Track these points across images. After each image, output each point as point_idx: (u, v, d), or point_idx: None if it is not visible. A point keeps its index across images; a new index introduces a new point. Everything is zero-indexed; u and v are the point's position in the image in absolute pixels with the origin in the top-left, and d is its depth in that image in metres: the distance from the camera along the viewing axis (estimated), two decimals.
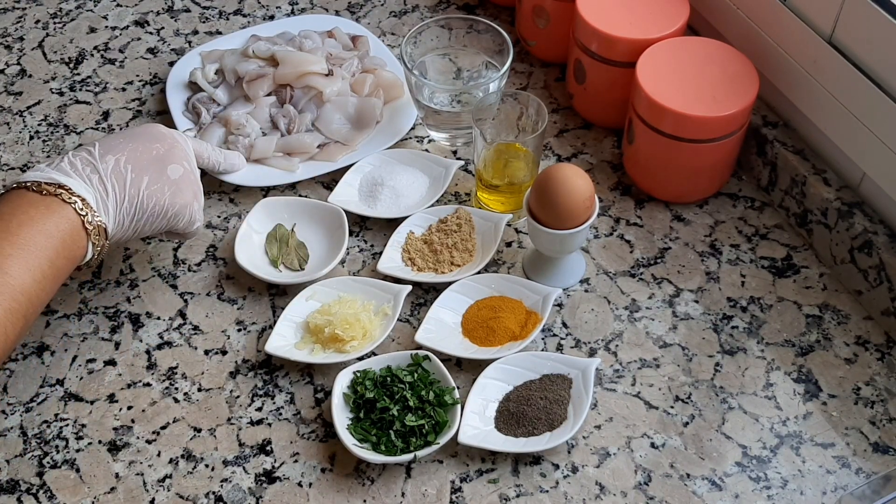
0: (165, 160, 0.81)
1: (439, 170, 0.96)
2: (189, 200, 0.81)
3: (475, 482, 0.76)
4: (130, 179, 0.78)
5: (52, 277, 0.73)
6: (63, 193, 0.75)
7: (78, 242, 0.75)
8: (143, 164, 0.79)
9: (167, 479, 0.77)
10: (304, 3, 1.16)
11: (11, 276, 0.70)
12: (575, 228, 0.83)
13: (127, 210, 0.78)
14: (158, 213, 0.80)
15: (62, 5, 1.17)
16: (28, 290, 0.71)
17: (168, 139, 0.82)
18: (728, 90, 0.86)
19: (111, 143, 0.80)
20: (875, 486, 0.68)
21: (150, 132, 0.82)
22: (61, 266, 0.74)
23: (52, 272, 0.73)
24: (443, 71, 1.02)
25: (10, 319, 0.70)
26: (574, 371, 0.80)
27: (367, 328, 0.83)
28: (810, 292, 0.88)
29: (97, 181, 0.77)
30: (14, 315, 0.70)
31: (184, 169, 0.82)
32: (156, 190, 0.79)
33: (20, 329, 0.71)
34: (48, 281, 0.73)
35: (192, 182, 0.82)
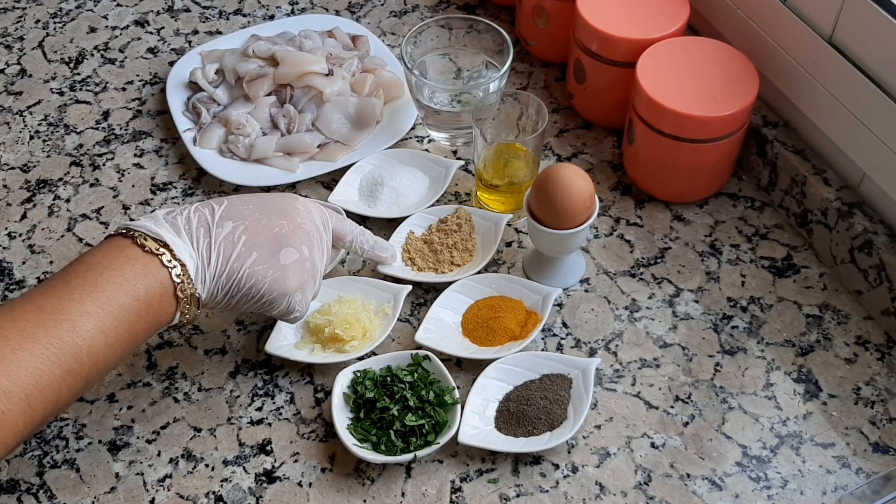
0: (283, 241, 0.74)
1: (439, 170, 0.96)
2: (291, 290, 0.74)
3: (475, 482, 0.76)
4: (238, 253, 0.72)
5: (128, 341, 0.68)
6: (164, 255, 0.69)
7: (166, 308, 0.70)
8: (259, 240, 0.73)
9: (167, 479, 0.77)
10: (305, 3, 1.16)
11: (82, 336, 0.65)
12: (575, 228, 0.83)
13: (223, 284, 0.72)
14: (253, 296, 0.73)
15: (62, 5, 1.17)
16: (96, 352, 0.66)
17: (297, 218, 0.75)
18: (728, 90, 0.86)
19: (238, 207, 0.74)
20: (875, 486, 0.68)
21: (283, 206, 0.76)
22: (140, 331, 0.69)
23: (128, 336, 0.68)
24: (443, 71, 1.02)
25: (68, 382, 0.65)
26: (574, 371, 0.80)
27: (367, 328, 0.83)
28: (810, 292, 0.88)
29: (205, 247, 0.71)
30: (73, 377, 0.65)
31: (299, 255, 0.74)
32: (258, 271, 0.72)
33: (77, 391, 0.66)
34: (122, 345, 0.68)
35: (304, 271, 0.74)
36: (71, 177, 0.99)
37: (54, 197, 0.97)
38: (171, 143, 1.01)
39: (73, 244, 0.93)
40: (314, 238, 0.76)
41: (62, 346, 0.64)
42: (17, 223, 0.95)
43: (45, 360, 0.63)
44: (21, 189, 0.98)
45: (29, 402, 0.62)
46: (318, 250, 0.76)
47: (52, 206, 0.96)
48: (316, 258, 0.76)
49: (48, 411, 0.64)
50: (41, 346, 0.63)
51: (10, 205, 0.96)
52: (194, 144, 0.98)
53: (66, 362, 0.64)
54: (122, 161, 1.00)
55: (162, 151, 1.01)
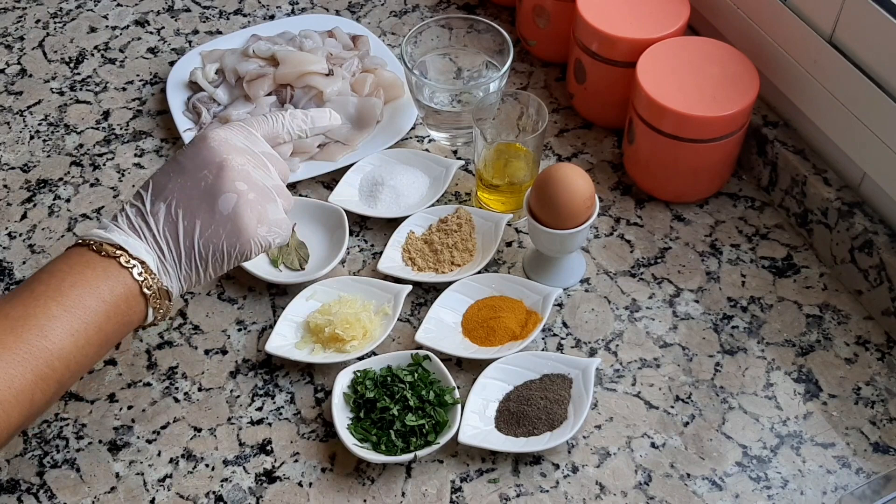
0: (215, 192, 0.71)
1: (439, 169, 0.96)
2: (251, 231, 0.71)
3: (475, 482, 0.76)
4: (183, 229, 0.70)
5: (98, 343, 0.68)
6: (122, 256, 0.69)
7: (134, 308, 0.70)
8: (194, 205, 0.71)
9: (167, 479, 0.77)
10: (305, 3, 1.16)
11: (51, 339, 0.65)
12: (575, 228, 0.83)
13: (187, 266, 0.71)
14: (221, 258, 0.72)
15: (62, 5, 1.17)
16: (67, 355, 0.66)
17: (216, 157, 0.72)
18: (728, 90, 0.86)
19: (161, 181, 0.72)
20: (875, 486, 0.68)
21: (198, 154, 0.72)
22: (111, 331, 0.69)
23: (98, 338, 0.68)
24: (443, 71, 1.02)
25: (41, 386, 0.64)
26: (574, 371, 0.80)
27: (368, 328, 0.83)
28: (810, 292, 0.88)
29: (152, 240, 0.70)
30: (46, 381, 0.64)
31: (237, 195, 0.71)
32: (210, 235, 0.71)
33: (51, 395, 0.66)
34: (92, 347, 0.67)
35: (252, 204, 0.72)
36: (71, 177, 0.99)
37: (54, 197, 0.97)
38: (172, 143, 1.01)
39: None
40: (244, 164, 0.72)
41: (32, 350, 0.64)
42: (18, 223, 0.95)
43: (16, 365, 0.63)
44: (21, 189, 0.98)
45: (3, 407, 0.62)
46: (255, 173, 0.73)
47: (52, 206, 0.96)
48: (258, 181, 0.72)
49: (23, 416, 0.64)
50: (10, 352, 0.63)
51: (11, 205, 0.96)
52: None
53: (38, 367, 0.64)
54: (122, 161, 1.00)
55: (162, 151, 1.01)
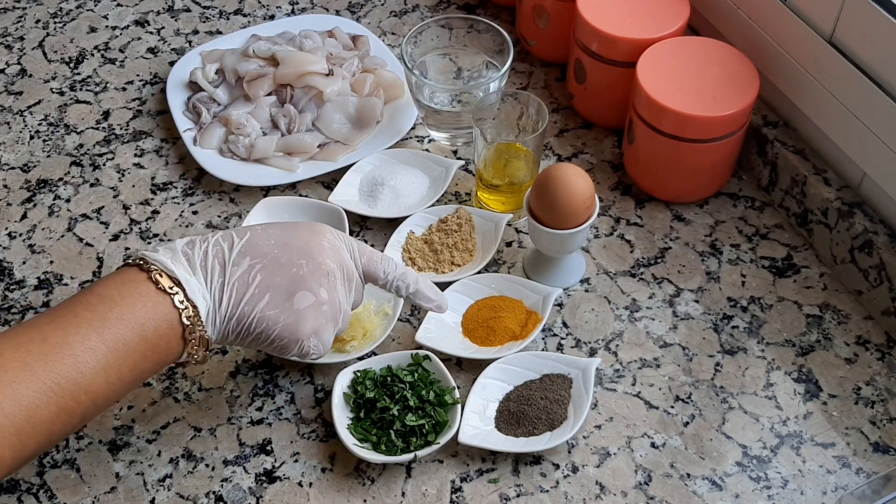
0: (299, 283, 0.70)
1: (439, 170, 0.96)
2: (304, 335, 0.70)
3: (475, 482, 0.76)
4: (250, 295, 0.69)
5: (131, 380, 0.66)
6: (177, 294, 0.67)
7: (173, 348, 0.68)
8: (275, 281, 0.69)
9: (167, 479, 0.77)
10: (305, 3, 1.16)
11: (83, 373, 0.63)
12: (575, 228, 0.83)
13: (233, 326, 0.69)
14: (264, 339, 0.70)
15: (62, 5, 1.17)
16: (96, 390, 0.64)
17: (318, 257, 0.71)
18: (728, 90, 0.86)
19: (259, 242, 0.71)
20: (875, 486, 0.68)
21: (307, 243, 0.71)
22: (145, 370, 0.67)
23: (131, 375, 0.66)
24: (443, 71, 1.02)
25: (62, 418, 0.62)
26: (574, 371, 0.80)
27: (368, 328, 0.83)
28: (810, 292, 0.88)
29: (217, 287, 0.69)
30: (68, 414, 0.63)
31: (315, 299, 0.70)
32: (270, 316, 0.69)
33: (72, 427, 0.64)
34: (124, 384, 0.66)
35: (321, 314, 0.71)
36: (71, 177, 0.99)
37: (54, 197, 0.97)
38: (172, 142, 1.01)
39: (74, 244, 0.93)
40: (336, 278, 0.72)
41: (61, 381, 0.62)
42: (18, 223, 0.95)
43: (41, 395, 0.61)
44: (21, 189, 0.98)
45: (20, 437, 0.60)
46: (341, 291, 0.72)
47: (52, 206, 0.96)
48: (338, 299, 0.72)
49: (39, 446, 0.62)
50: (38, 382, 0.61)
51: (11, 205, 0.96)
52: (194, 144, 0.98)
53: (63, 399, 0.62)
54: (122, 161, 1.00)
55: (162, 151, 1.01)
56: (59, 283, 0.90)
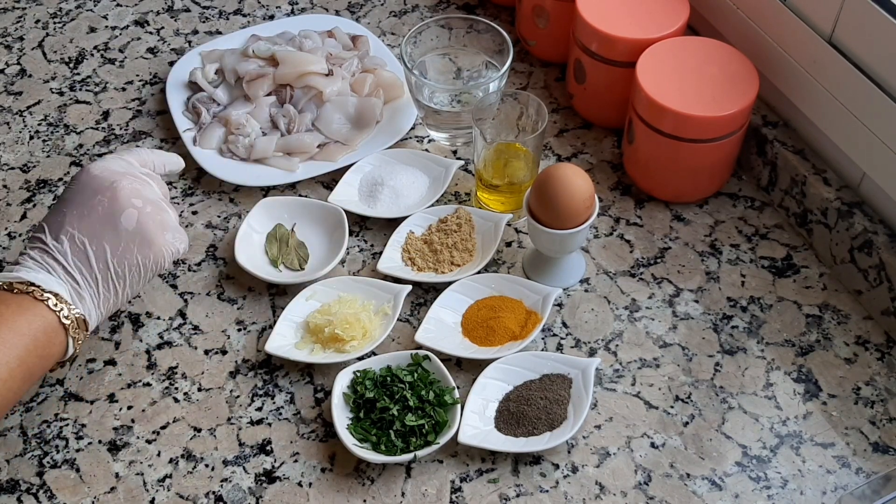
0: (114, 212, 0.74)
1: (439, 170, 0.96)
2: (159, 240, 0.75)
3: (475, 482, 0.76)
4: (93, 254, 0.73)
5: (21, 377, 0.69)
6: (34, 290, 0.71)
7: (53, 339, 0.71)
8: (97, 230, 0.74)
9: (167, 479, 0.77)
10: (304, 3, 1.16)
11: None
12: (575, 228, 0.83)
13: (105, 291, 0.74)
14: (138, 273, 0.75)
15: (62, 5, 1.17)
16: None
17: (104, 182, 0.75)
18: (728, 90, 0.86)
19: (56, 219, 0.75)
20: (875, 486, 0.68)
21: (87, 187, 0.75)
22: (33, 364, 0.70)
23: (21, 371, 0.69)
24: (443, 71, 1.02)
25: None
26: (574, 371, 0.80)
27: (367, 328, 0.83)
28: (810, 292, 0.88)
29: (62, 272, 0.73)
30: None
31: (136, 210, 0.74)
32: (122, 252, 0.74)
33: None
34: (16, 381, 0.69)
35: (152, 215, 0.75)
36: (71, 177, 0.98)
37: (54, 197, 0.97)
38: (171, 143, 1.01)
39: None
40: (131, 182, 0.76)
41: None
42: (17, 223, 0.95)
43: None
44: (21, 189, 0.98)
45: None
46: (144, 189, 0.76)
47: (52, 206, 0.96)
48: (149, 195, 0.76)
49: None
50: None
51: (10, 205, 0.96)
52: (194, 144, 0.98)
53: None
54: None
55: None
56: None
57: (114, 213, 0.74)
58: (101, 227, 0.74)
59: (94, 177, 0.76)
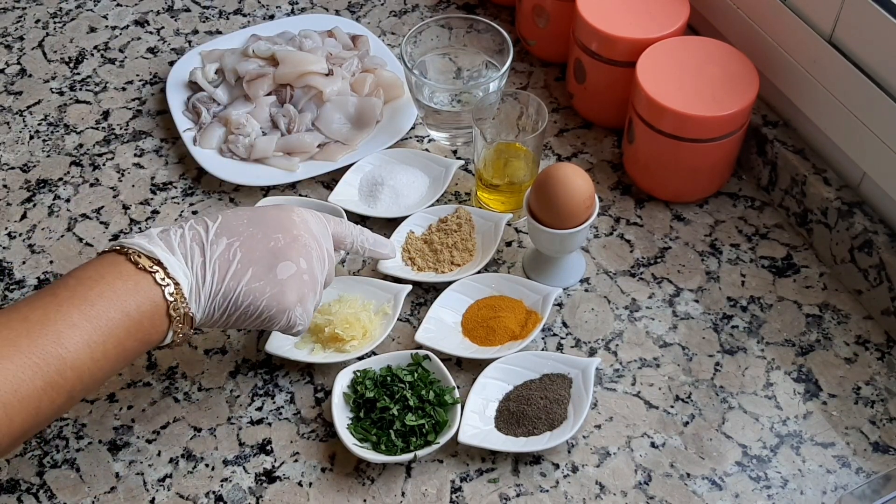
0: (279, 255, 0.72)
1: (439, 169, 0.96)
2: (290, 304, 0.72)
3: (475, 482, 0.76)
4: (234, 270, 0.70)
5: (116, 358, 0.66)
6: (158, 272, 0.68)
7: (158, 327, 0.69)
8: (255, 256, 0.71)
9: (167, 479, 0.77)
10: (304, 3, 1.16)
11: (66, 348, 0.63)
12: (575, 228, 0.83)
13: (219, 303, 0.71)
14: (252, 313, 0.71)
15: (62, 5, 1.17)
16: (81, 366, 0.64)
17: (293, 230, 0.74)
18: (728, 90, 0.86)
19: (233, 222, 0.73)
20: (875, 485, 0.68)
21: (278, 219, 0.74)
22: (130, 347, 0.67)
23: (116, 352, 0.66)
24: (443, 70, 1.02)
25: (49, 394, 0.62)
26: (574, 370, 0.80)
27: (367, 328, 0.83)
28: (810, 292, 0.88)
29: (199, 265, 0.70)
30: (55, 390, 0.63)
31: (297, 268, 0.72)
32: (256, 288, 0.71)
33: (60, 405, 0.64)
34: (109, 361, 0.66)
35: (303, 284, 0.73)
36: (71, 177, 0.99)
37: (54, 197, 0.97)
38: (171, 142, 1.02)
39: (73, 244, 0.93)
40: (312, 249, 0.74)
41: (45, 356, 0.62)
42: (17, 223, 0.95)
43: (26, 369, 0.61)
44: (21, 189, 0.98)
45: (6, 410, 0.60)
46: (316, 261, 0.74)
47: (52, 205, 0.96)
48: (315, 269, 0.74)
49: (27, 423, 0.62)
50: (23, 355, 0.61)
51: (10, 205, 0.96)
52: (194, 144, 0.98)
53: (49, 374, 0.62)
54: (122, 161, 1.00)
55: (162, 151, 1.01)
56: None
57: (279, 255, 0.72)
58: (261, 256, 0.72)
59: (291, 220, 0.74)
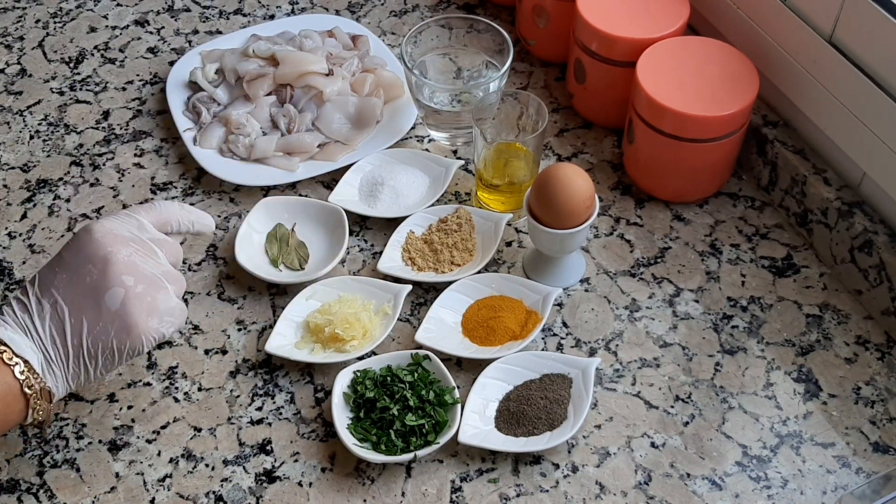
0: (100, 287, 0.69)
1: (439, 169, 0.96)
2: (142, 326, 0.69)
3: (475, 482, 0.76)
4: (70, 327, 0.68)
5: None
6: (5, 353, 0.67)
7: (12, 406, 0.67)
8: (79, 301, 0.69)
9: (167, 479, 0.77)
10: (305, 3, 1.16)
11: None
12: (575, 228, 0.83)
13: (74, 367, 0.69)
14: (111, 356, 0.69)
15: (62, 5, 1.17)
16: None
17: (99, 251, 0.70)
18: (728, 90, 0.86)
19: (47, 278, 0.70)
20: (875, 485, 0.68)
21: (82, 249, 0.70)
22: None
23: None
24: (443, 70, 1.02)
25: None
26: (574, 371, 0.80)
27: (368, 328, 0.83)
28: (810, 292, 0.88)
29: (38, 337, 0.68)
30: None
31: (124, 289, 0.69)
32: (99, 332, 0.68)
33: None
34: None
35: (141, 297, 0.69)
36: (71, 176, 0.99)
37: (54, 197, 0.97)
38: (172, 142, 1.01)
39: None
40: (130, 255, 0.70)
41: None
42: (17, 223, 0.95)
43: None
44: (21, 189, 0.98)
45: None
46: (143, 263, 0.71)
47: (52, 205, 0.96)
48: (146, 271, 0.70)
49: None
50: None
51: (10, 205, 0.96)
52: (194, 144, 0.98)
53: None
54: (122, 161, 1.00)
55: (162, 151, 1.01)
56: None
57: (100, 288, 0.69)
58: (84, 299, 0.69)
59: (93, 240, 0.70)
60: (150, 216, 0.75)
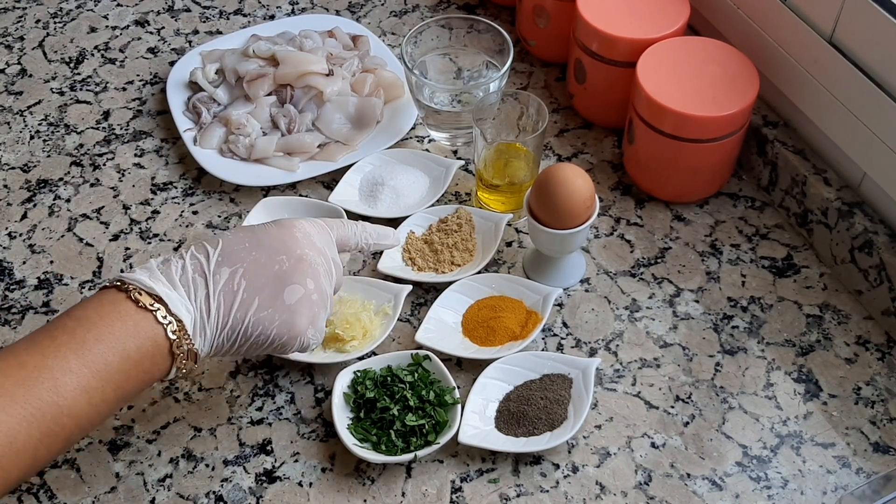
0: (285, 279, 0.69)
1: (439, 170, 0.96)
2: (302, 329, 0.70)
3: (475, 482, 0.76)
4: (240, 301, 0.68)
5: (115, 401, 0.65)
6: (159, 310, 0.66)
7: (159, 365, 0.67)
8: (260, 283, 0.69)
9: (167, 479, 0.77)
10: (305, 3, 1.16)
11: (63, 396, 0.61)
12: (575, 228, 0.83)
13: (227, 336, 0.68)
14: (262, 342, 0.69)
15: (62, 5, 1.17)
16: (79, 413, 0.62)
17: (297, 249, 0.71)
18: (728, 90, 0.86)
19: (234, 247, 0.70)
20: (875, 486, 0.68)
21: (280, 239, 0.71)
22: (130, 389, 0.66)
23: (115, 396, 0.64)
24: (443, 71, 1.02)
25: (46, 443, 0.61)
26: (574, 371, 0.80)
27: (368, 328, 0.83)
28: (810, 292, 0.88)
29: (202, 299, 0.68)
30: (52, 438, 0.61)
31: (304, 290, 0.70)
32: (264, 317, 0.69)
33: (57, 451, 0.63)
34: (108, 405, 0.64)
35: (313, 304, 0.71)
36: (71, 177, 0.99)
37: (54, 197, 0.97)
38: (172, 142, 1.02)
39: (74, 244, 0.93)
40: (318, 265, 0.72)
41: (42, 406, 0.61)
42: (18, 223, 0.95)
43: (22, 420, 0.60)
44: (21, 189, 0.98)
45: (1, 462, 0.59)
46: (324, 276, 0.72)
47: (52, 205, 0.96)
48: (323, 285, 0.72)
49: (23, 472, 0.61)
50: (19, 407, 0.60)
51: (11, 205, 0.96)
52: (195, 144, 0.98)
53: (45, 423, 0.61)
54: (122, 161, 1.00)
55: (162, 151, 1.01)
56: (60, 283, 0.90)
57: (285, 279, 0.70)
58: (266, 282, 0.69)
59: (293, 237, 0.71)
60: (337, 233, 0.76)
